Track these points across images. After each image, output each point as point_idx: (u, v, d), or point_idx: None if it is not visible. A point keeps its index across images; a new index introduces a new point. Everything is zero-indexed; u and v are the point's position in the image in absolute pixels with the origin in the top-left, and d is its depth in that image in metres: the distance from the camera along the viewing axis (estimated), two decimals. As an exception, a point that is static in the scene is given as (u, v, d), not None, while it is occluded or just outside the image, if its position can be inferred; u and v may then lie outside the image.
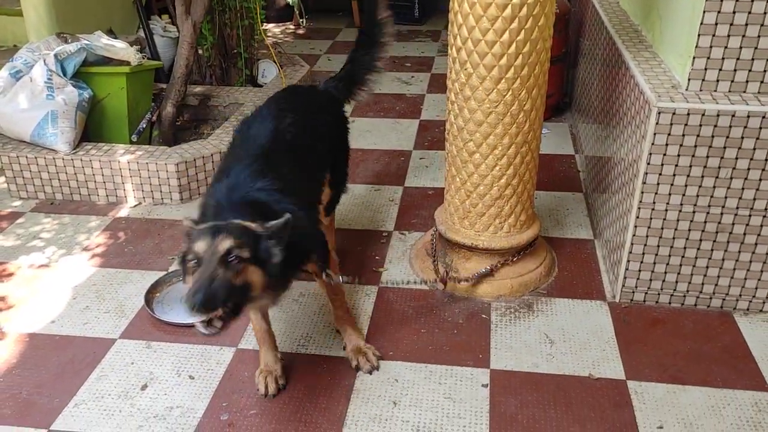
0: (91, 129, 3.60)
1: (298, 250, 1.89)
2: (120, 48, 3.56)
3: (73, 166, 3.38)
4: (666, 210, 2.39)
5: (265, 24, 4.80)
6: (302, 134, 2.31)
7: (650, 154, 2.31)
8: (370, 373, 2.29)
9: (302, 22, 6.38)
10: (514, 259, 2.70)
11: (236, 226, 1.79)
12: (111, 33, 4.40)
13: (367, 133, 4.17)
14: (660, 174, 2.33)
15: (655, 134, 2.27)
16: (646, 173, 2.34)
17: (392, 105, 4.58)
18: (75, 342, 2.47)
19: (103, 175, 3.39)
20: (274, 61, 4.49)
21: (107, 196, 3.44)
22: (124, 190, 3.42)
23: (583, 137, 3.78)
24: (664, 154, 2.29)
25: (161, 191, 3.40)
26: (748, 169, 2.27)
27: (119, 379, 2.30)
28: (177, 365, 2.36)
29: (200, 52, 4.35)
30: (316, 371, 2.32)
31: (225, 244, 1.71)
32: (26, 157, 3.39)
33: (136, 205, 3.42)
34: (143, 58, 3.68)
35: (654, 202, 2.39)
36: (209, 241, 1.72)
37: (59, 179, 3.42)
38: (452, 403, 2.18)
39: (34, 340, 2.49)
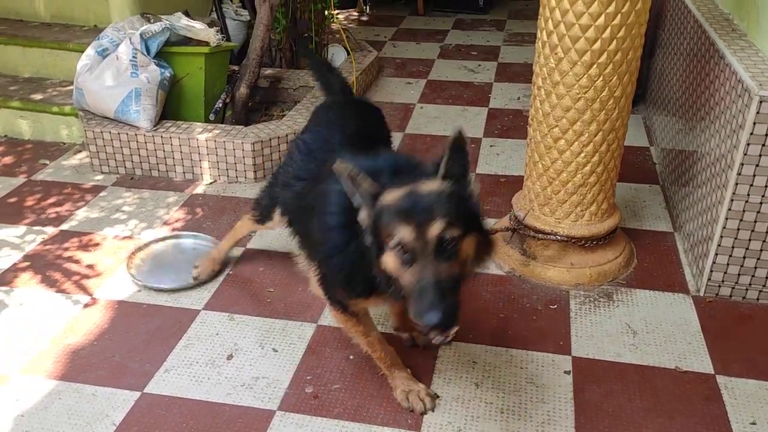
0: (169, 107, 3.69)
1: None
2: (200, 29, 3.63)
3: (153, 143, 3.47)
4: (761, 203, 2.32)
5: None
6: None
7: (748, 144, 2.24)
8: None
9: (365, 8, 6.39)
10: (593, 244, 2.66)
11: (437, 194, 1.53)
12: (187, 15, 4.49)
13: (436, 120, 4.16)
14: (757, 165, 2.26)
15: (755, 123, 2.20)
16: (742, 164, 2.28)
17: (460, 93, 4.56)
18: (161, 311, 2.55)
19: (181, 152, 3.47)
20: (345, 46, 4.51)
21: (184, 173, 3.52)
22: (201, 167, 3.49)
23: (659, 129, 3.70)
24: (763, 145, 2.23)
25: (236, 170, 3.46)
26: None
27: (206, 348, 2.36)
28: (260, 338, 2.41)
29: (271, 35, 4.40)
30: (396, 350, 2.34)
31: (438, 228, 1.48)
32: (109, 132, 3.49)
33: (211, 183, 3.49)
34: (221, 39, 3.74)
35: (748, 194, 2.32)
36: (418, 227, 1.49)
37: (140, 155, 3.52)
38: (535, 387, 2.18)
39: (123, 307, 2.57)
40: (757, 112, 2.19)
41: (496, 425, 2.04)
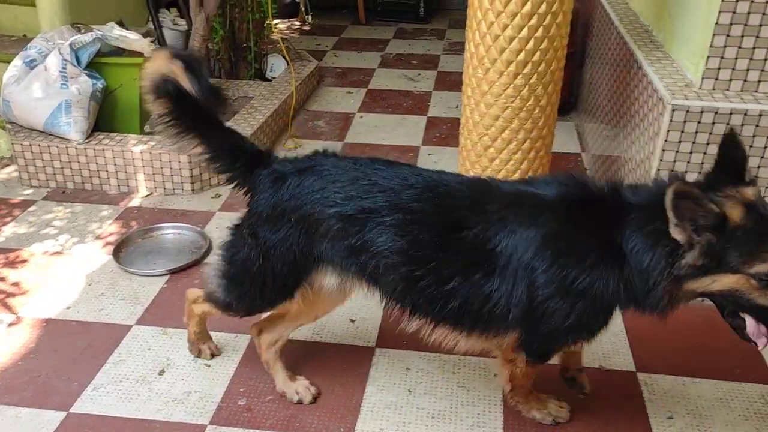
0: (102, 119, 3.61)
1: None
2: (133, 39, 3.58)
3: (86, 156, 3.40)
4: (677, 206, 2.43)
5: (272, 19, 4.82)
6: None
7: (663, 150, 2.35)
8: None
9: (308, 18, 6.40)
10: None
11: None
12: (121, 25, 4.42)
13: (376, 129, 4.20)
14: (672, 170, 2.37)
15: (668, 131, 2.31)
16: (659, 170, 2.38)
17: (400, 101, 4.62)
18: (91, 328, 2.49)
19: (115, 164, 3.40)
20: (284, 56, 4.51)
21: (119, 185, 3.46)
22: (136, 180, 3.44)
23: (589, 136, 3.83)
24: (677, 151, 2.34)
25: (173, 182, 3.42)
26: (759, 167, 2.32)
27: (137, 365, 2.32)
28: (193, 352, 2.39)
29: (209, 45, 4.37)
30: (330, 359, 2.36)
31: None
32: (39, 145, 3.40)
33: (147, 195, 3.44)
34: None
35: (665, 199, 2.42)
36: None
37: (71, 168, 3.44)
38: (466, 391, 2.22)
39: (51, 325, 2.51)
40: (671, 120, 2.30)
41: (427, 430, 2.07)
